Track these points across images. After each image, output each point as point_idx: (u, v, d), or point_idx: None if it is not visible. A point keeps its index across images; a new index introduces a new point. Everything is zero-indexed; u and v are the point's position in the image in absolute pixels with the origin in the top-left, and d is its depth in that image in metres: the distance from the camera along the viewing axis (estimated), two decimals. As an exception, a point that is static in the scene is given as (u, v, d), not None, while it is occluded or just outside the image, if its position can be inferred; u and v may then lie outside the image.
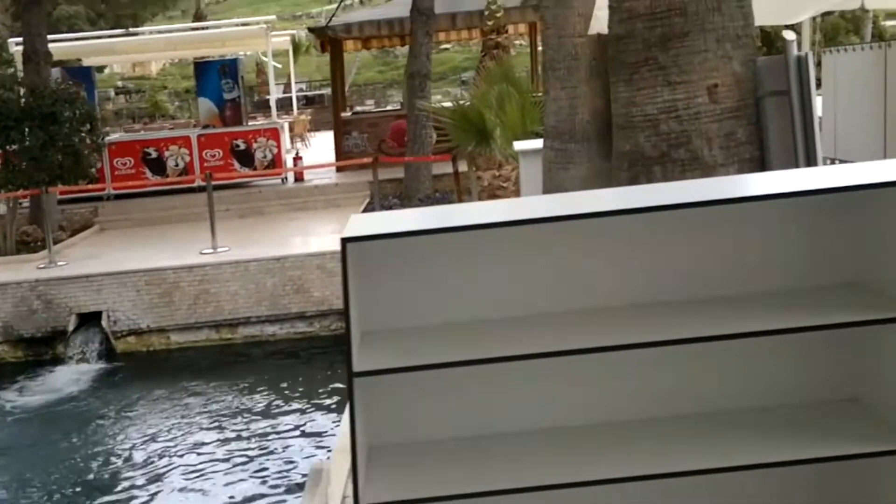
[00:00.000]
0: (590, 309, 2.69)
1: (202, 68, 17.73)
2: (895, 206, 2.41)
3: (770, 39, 14.94)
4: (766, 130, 5.73)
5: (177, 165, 16.15)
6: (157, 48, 22.44)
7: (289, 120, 23.90)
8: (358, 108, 23.79)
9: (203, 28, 23.63)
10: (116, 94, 42.93)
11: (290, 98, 28.72)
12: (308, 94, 33.41)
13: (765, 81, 5.66)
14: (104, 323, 12.12)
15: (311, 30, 19.08)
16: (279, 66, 27.02)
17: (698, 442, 2.62)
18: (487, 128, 10.78)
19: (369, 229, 2.43)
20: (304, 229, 14.18)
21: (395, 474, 2.57)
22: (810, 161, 5.45)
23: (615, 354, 2.48)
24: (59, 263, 13.09)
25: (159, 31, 21.54)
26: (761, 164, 5.51)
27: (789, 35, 5.42)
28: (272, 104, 21.90)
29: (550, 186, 8.82)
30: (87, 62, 22.57)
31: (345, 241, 2.33)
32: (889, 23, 35.17)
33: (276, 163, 16.24)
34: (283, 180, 16.56)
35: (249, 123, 18.82)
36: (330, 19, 18.03)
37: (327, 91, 29.22)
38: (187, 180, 15.90)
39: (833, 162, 10.85)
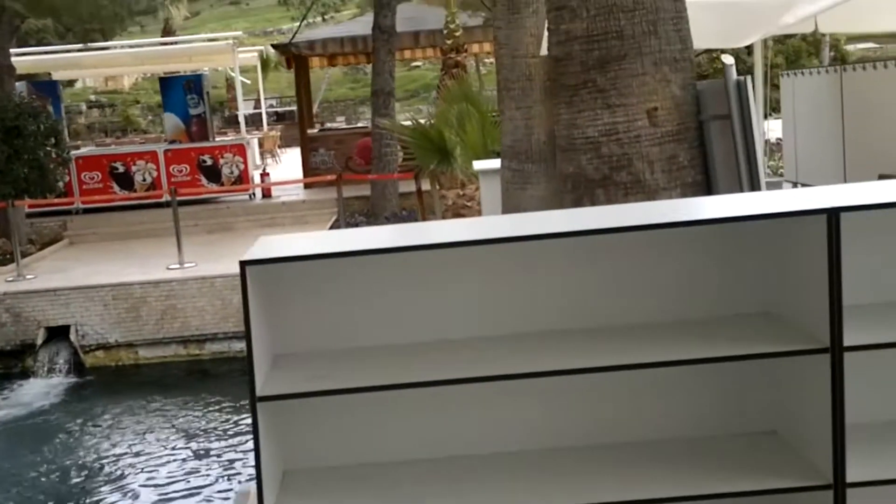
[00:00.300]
0: (503, 336, 2.75)
1: (168, 83, 17.74)
2: (810, 236, 2.44)
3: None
4: (710, 154, 5.83)
5: (144, 180, 16.14)
6: (124, 63, 22.39)
7: (258, 136, 23.91)
8: (327, 125, 23.84)
9: (170, 43, 23.60)
10: (89, 107, 42.82)
11: (261, 114, 28.72)
12: (279, 109, 33.44)
13: (708, 105, 5.76)
14: (73, 337, 12.12)
15: (275, 46, 19.11)
16: (248, 81, 27.01)
17: (614, 473, 2.64)
18: (448, 147, 10.86)
19: (271, 252, 2.48)
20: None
21: (307, 501, 2.60)
22: (753, 183, 5.55)
23: (529, 382, 2.51)
24: (28, 277, 13.09)
25: (127, 46, 21.48)
26: (705, 188, 5.60)
27: (728, 59, 5.52)
28: (241, 119, 21.87)
29: (509, 206, 8.91)
30: (55, 76, 22.56)
31: (244, 264, 2.38)
32: (860, 45, 35.25)
33: (242, 179, 16.27)
34: (250, 196, 16.59)
35: (219, 139, 18.85)
36: (293, 36, 18.06)
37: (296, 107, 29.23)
38: (155, 195, 15.89)
39: (796, 186, 10.95)
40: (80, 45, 20.37)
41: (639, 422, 2.81)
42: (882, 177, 8.91)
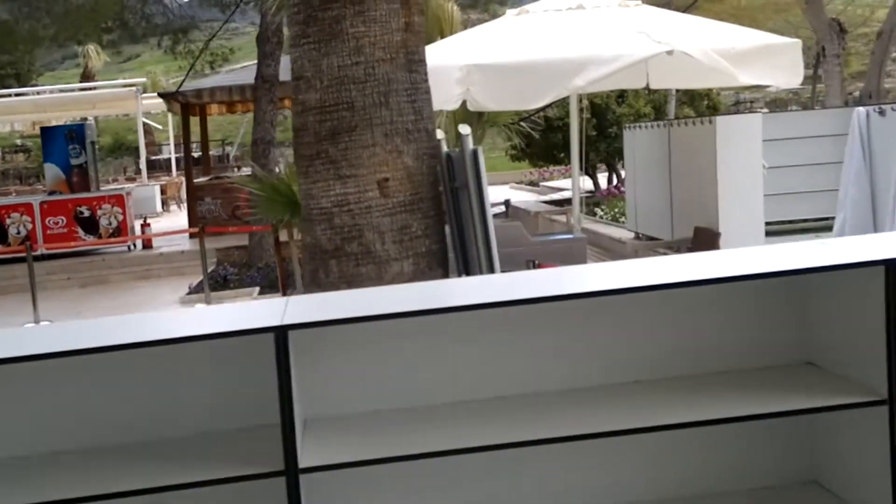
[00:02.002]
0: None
1: (48, 133, 17.46)
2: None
3: (601, 111, 15.21)
4: (464, 221, 5.82)
5: (18, 233, 15.82)
6: (23, 110, 22.11)
7: (162, 182, 23.73)
8: (213, 175, 23.77)
9: (73, 90, 23.36)
10: (15, 152, 42.48)
11: (182, 158, 28.55)
12: (195, 154, 33.21)
13: (458, 174, 5.75)
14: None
15: (161, 95, 18.94)
16: (160, 126, 26.83)
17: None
18: (298, 199, 10.74)
19: None
20: (136, 299, 13.98)
21: None
22: (489, 248, 5.54)
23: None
24: None
25: (24, 94, 21.22)
26: (442, 257, 5.56)
27: (464, 129, 5.52)
28: (142, 166, 21.76)
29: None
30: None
31: None
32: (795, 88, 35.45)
33: (121, 230, 16.03)
34: (129, 248, 16.34)
35: (106, 188, 18.61)
36: (180, 84, 17.97)
37: (216, 151, 29.11)
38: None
39: (638, 237, 11.01)
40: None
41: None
42: (697, 230, 9.00)
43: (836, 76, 18.09)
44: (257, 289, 13.36)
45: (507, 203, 13.55)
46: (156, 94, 24.68)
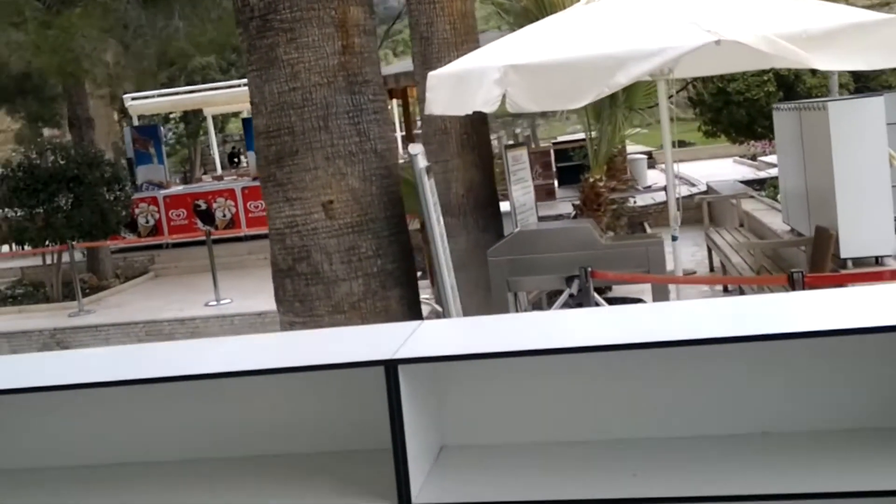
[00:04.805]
0: None
1: (249, 124, 18.59)
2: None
3: (789, 82, 13.86)
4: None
5: (224, 216, 17.03)
6: (234, 100, 22.91)
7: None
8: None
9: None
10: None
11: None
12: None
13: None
14: (106, 372, 13.08)
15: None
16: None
17: None
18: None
19: None
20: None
21: None
22: (446, 262, 5.41)
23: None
24: (89, 311, 14.18)
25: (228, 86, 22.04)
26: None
27: (415, 149, 5.37)
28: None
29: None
30: (206, 112, 24.39)
31: None
32: None
33: (313, 213, 16.83)
34: (321, 230, 17.10)
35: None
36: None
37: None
38: (234, 230, 16.79)
39: (792, 231, 10.01)
40: (199, 86, 21.69)
41: None
42: (818, 230, 8.12)
43: None
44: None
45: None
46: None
